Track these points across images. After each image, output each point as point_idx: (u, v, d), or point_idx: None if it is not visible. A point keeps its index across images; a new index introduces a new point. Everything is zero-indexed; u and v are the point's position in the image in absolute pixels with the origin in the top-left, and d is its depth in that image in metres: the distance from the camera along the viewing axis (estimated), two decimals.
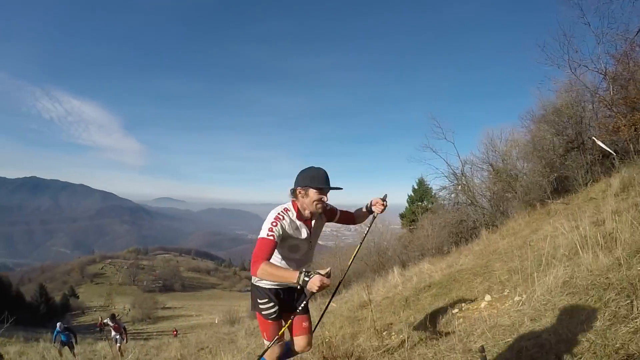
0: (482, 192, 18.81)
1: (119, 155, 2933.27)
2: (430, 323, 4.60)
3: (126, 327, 14.67)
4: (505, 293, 4.80)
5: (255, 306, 3.13)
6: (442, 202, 22.32)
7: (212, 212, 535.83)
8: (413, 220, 26.03)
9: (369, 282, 13.78)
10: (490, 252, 8.55)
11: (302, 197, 2.85)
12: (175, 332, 33.56)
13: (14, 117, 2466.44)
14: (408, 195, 29.16)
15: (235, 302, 70.82)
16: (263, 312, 3.06)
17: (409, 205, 28.76)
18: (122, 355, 12.67)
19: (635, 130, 11.04)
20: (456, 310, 4.98)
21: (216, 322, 38.61)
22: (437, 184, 22.43)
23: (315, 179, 2.82)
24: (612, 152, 9.12)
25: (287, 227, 2.81)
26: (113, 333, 13.69)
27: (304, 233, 2.94)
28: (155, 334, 43.00)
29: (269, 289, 3.06)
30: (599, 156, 12.86)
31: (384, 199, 3.24)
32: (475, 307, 4.85)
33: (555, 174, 14.93)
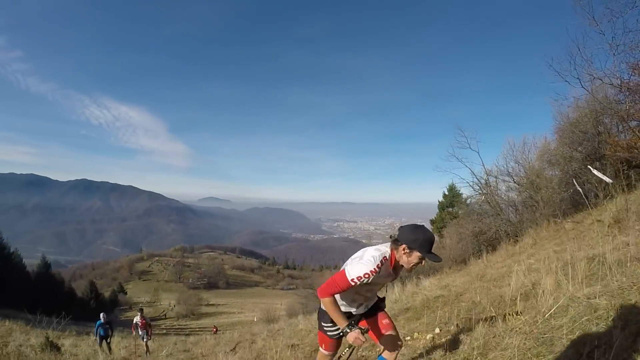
0: (507, 203, 18.55)
1: (165, 157, 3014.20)
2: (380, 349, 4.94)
3: (151, 323, 14.77)
4: (451, 328, 4.98)
5: (320, 327, 3.27)
6: (470, 209, 21.86)
7: (257, 211, 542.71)
8: (443, 227, 25.58)
9: None
10: (479, 276, 8.67)
11: (405, 255, 2.87)
12: (215, 329, 34.11)
13: (64, 124, 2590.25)
14: (439, 201, 28.81)
15: (278, 300, 72.17)
16: (327, 333, 3.21)
17: (440, 212, 28.38)
18: (148, 351, 13.30)
19: None
20: (408, 338, 5.19)
21: (255, 320, 39.55)
22: (465, 192, 22.39)
23: (423, 247, 2.82)
24: (609, 181, 9.09)
25: (376, 277, 2.85)
26: (140, 330, 13.63)
27: (388, 279, 3.06)
28: (197, 329, 44.67)
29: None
30: (617, 172, 12.24)
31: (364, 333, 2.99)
32: (422, 337, 5.04)
33: (572, 189, 14.33)
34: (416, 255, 2.81)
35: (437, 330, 5.15)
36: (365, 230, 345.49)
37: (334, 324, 3.09)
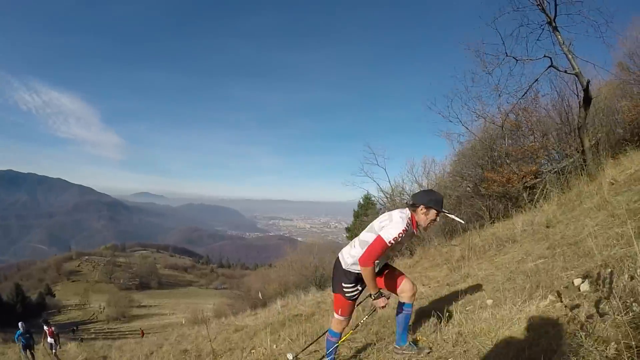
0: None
1: (97, 148, 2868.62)
2: None
3: (59, 333, 14.22)
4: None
5: (338, 288, 3.51)
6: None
7: (192, 208, 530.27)
8: (355, 236, 26.79)
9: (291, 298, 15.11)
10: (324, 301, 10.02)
11: (423, 214, 3.26)
12: (142, 333, 34.38)
13: None
14: (354, 210, 29.37)
15: (210, 300, 72.62)
16: (346, 294, 3.48)
17: (354, 220, 28.80)
18: None
19: (525, 182, 11.94)
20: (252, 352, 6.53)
21: (183, 322, 40.32)
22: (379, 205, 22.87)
23: (438, 203, 3.25)
24: (462, 222, 10.68)
25: (405, 236, 3.25)
26: (49, 338, 13.22)
27: (410, 238, 3.46)
28: (127, 333, 45.01)
29: (358, 273, 3.40)
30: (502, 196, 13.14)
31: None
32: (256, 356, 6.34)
33: (462, 211, 15.25)
34: (433, 212, 3.26)
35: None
36: (301, 229, 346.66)
37: (355, 285, 3.47)
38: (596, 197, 7.23)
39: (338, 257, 3.58)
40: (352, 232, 28.48)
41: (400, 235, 3.17)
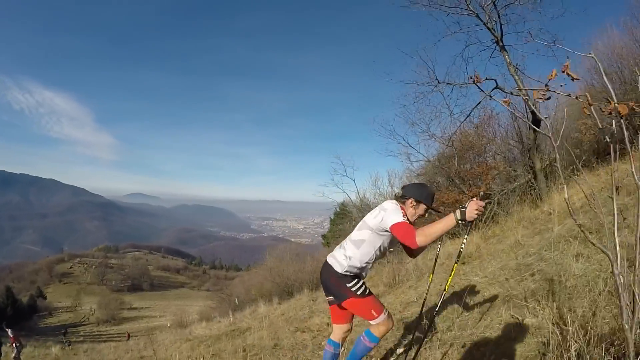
0: None
1: (91, 149, 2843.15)
2: None
3: (21, 339, 14.41)
4: None
5: (346, 293, 3.18)
6: None
7: (186, 209, 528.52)
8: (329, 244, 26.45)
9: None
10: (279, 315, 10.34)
11: (412, 207, 3.15)
12: (128, 336, 34.62)
13: None
14: (330, 218, 29.87)
15: (202, 302, 72.76)
16: (358, 292, 3.16)
17: (331, 227, 29.39)
18: None
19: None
20: None
21: (169, 325, 40.30)
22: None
23: (428, 198, 3.17)
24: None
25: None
26: (14, 344, 13.40)
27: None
28: (116, 335, 45.27)
29: (353, 273, 3.19)
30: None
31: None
32: None
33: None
34: (422, 207, 3.16)
35: None
36: (294, 229, 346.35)
37: (358, 280, 3.21)
38: (511, 237, 7.07)
39: (329, 263, 3.29)
40: (328, 239, 28.97)
41: (403, 213, 3.00)
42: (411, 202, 3.14)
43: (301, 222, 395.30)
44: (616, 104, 2.06)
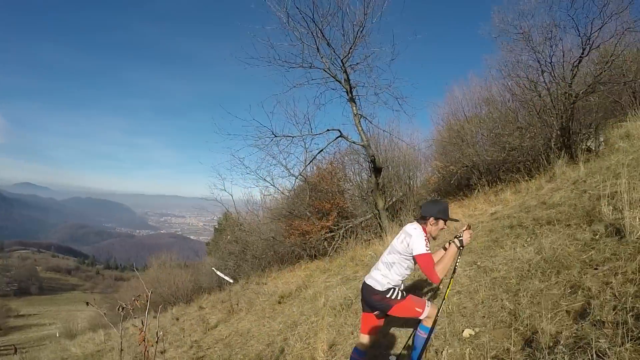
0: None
1: None
2: None
3: None
4: None
5: (391, 302, 3.50)
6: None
7: (78, 202, 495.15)
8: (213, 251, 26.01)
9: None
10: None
11: (432, 225, 3.47)
12: (14, 349, 31.30)
13: None
14: (214, 227, 30.10)
15: (95, 305, 71.13)
16: (398, 298, 3.50)
17: (215, 235, 28.97)
18: None
19: (323, 234, 12.58)
20: None
21: (57, 335, 35.43)
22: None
23: (445, 213, 3.50)
24: (230, 280, 12.35)
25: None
26: None
27: None
28: (2, 348, 43.69)
29: (392, 287, 3.51)
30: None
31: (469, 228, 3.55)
32: None
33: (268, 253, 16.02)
34: (441, 222, 3.51)
35: None
36: (194, 226, 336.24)
37: (394, 290, 3.51)
38: (321, 285, 7.52)
39: (369, 284, 3.59)
40: (211, 246, 29.25)
41: (427, 240, 3.38)
42: (431, 221, 3.48)
43: (201, 220, 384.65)
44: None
